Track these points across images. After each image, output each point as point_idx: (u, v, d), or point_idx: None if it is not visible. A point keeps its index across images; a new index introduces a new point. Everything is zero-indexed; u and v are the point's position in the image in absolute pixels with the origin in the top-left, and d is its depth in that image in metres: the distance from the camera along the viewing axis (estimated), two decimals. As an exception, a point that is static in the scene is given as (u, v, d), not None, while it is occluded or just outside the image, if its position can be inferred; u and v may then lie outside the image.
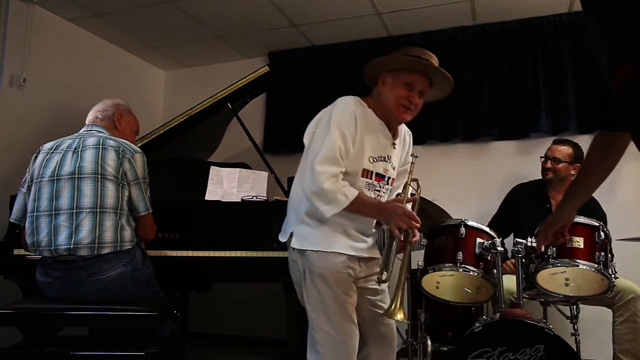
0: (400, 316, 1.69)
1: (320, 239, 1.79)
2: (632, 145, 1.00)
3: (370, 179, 1.82)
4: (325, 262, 1.78)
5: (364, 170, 1.81)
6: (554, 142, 2.93)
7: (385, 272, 1.81)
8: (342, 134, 1.74)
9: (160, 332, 2.09)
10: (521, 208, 2.93)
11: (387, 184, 1.90)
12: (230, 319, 3.96)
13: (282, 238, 1.92)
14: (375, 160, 1.83)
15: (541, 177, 2.98)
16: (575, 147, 2.89)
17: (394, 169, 1.92)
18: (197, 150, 3.25)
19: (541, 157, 2.94)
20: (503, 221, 2.97)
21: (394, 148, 1.90)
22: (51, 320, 2.03)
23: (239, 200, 2.59)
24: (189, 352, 2.86)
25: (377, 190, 1.86)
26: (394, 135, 1.90)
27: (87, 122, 2.28)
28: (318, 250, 1.78)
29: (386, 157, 1.86)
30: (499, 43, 3.52)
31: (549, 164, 2.85)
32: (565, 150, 2.86)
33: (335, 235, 1.80)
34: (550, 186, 2.90)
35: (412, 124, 3.71)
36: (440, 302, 2.45)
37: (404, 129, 1.99)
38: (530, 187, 3.01)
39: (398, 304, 1.70)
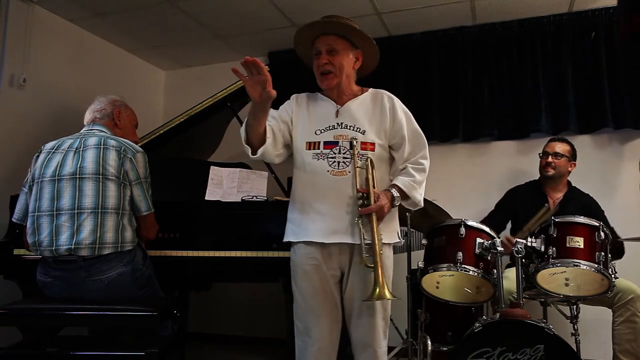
0: (388, 294, 1.64)
1: (290, 231, 1.87)
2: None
3: (318, 149, 1.82)
4: (294, 254, 1.86)
5: (308, 143, 1.85)
6: (552, 140, 2.96)
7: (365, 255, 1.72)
8: (278, 110, 1.93)
9: (160, 332, 2.09)
10: (519, 209, 2.94)
11: (351, 147, 1.80)
12: (230, 319, 3.96)
13: None
14: (323, 131, 1.85)
15: (536, 178, 3.00)
16: (572, 145, 2.92)
17: (362, 132, 1.83)
18: (197, 150, 3.25)
19: (540, 154, 2.95)
20: (498, 221, 2.98)
21: (337, 115, 1.86)
22: (51, 320, 2.03)
23: (239, 200, 2.59)
24: (189, 352, 2.86)
25: (332, 157, 1.80)
26: (342, 102, 1.90)
27: (85, 122, 2.27)
28: (290, 242, 1.88)
29: (335, 124, 1.85)
30: (499, 43, 3.52)
31: (550, 159, 2.86)
32: (564, 146, 2.89)
33: (301, 224, 1.82)
34: (547, 184, 2.92)
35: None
36: (440, 302, 2.45)
37: (379, 95, 1.95)
38: (527, 188, 3.03)
39: (381, 282, 1.65)
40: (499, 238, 2.33)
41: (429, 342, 2.51)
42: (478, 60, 3.57)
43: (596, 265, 2.13)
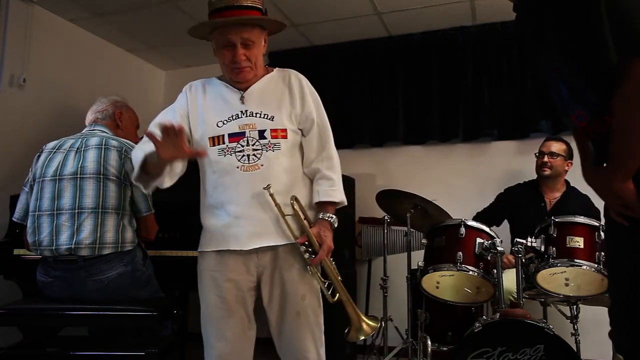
0: (367, 330, 1.56)
1: (206, 241, 1.71)
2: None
3: (222, 143, 1.63)
4: (202, 260, 1.71)
5: (210, 138, 1.65)
6: (548, 139, 2.95)
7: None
8: (165, 113, 1.73)
9: (160, 332, 2.09)
10: (515, 209, 2.95)
11: (263, 137, 1.62)
12: (230, 319, 3.95)
13: None
14: (225, 122, 1.65)
15: (534, 178, 3.00)
16: (568, 144, 2.92)
17: (271, 119, 1.65)
18: (197, 150, 3.25)
19: (535, 153, 2.94)
20: (493, 215, 3.00)
21: (243, 101, 1.67)
22: (51, 320, 2.04)
23: (239, 200, 2.59)
24: (189, 352, 2.86)
25: (240, 151, 1.62)
26: (245, 87, 1.69)
27: (87, 123, 2.28)
28: (200, 251, 1.73)
29: (239, 113, 1.65)
30: (499, 43, 3.52)
31: (546, 159, 2.84)
32: (560, 145, 2.88)
33: (217, 231, 1.66)
34: (544, 184, 2.92)
35: (413, 123, 3.73)
36: (440, 302, 2.45)
37: (286, 74, 1.75)
38: (523, 188, 3.02)
39: (356, 321, 1.56)
40: (498, 237, 2.33)
41: (429, 342, 2.50)
42: (478, 60, 3.56)
43: (596, 265, 2.13)
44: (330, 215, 1.67)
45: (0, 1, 3.00)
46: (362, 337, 1.55)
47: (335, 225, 1.68)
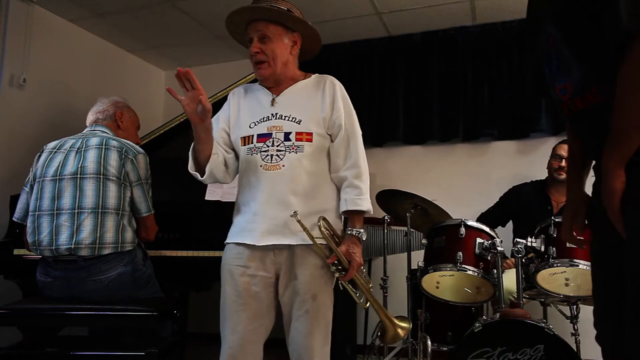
0: (402, 334, 1.65)
1: (229, 234, 1.74)
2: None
3: (251, 143, 1.68)
4: (224, 254, 1.73)
5: (242, 138, 1.71)
6: (564, 142, 2.87)
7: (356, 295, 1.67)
8: (218, 118, 1.78)
9: (160, 332, 2.09)
10: (521, 209, 2.93)
11: (287, 139, 1.66)
12: (230, 319, 3.95)
13: None
14: (257, 123, 1.71)
15: (543, 178, 2.98)
16: None
17: (298, 122, 1.68)
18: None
19: (553, 156, 2.90)
20: (496, 216, 2.98)
21: (273, 104, 1.72)
22: (51, 320, 2.04)
23: (239, 200, 2.59)
24: (189, 352, 2.87)
25: (265, 151, 1.66)
26: (279, 90, 1.75)
27: (87, 123, 2.28)
28: (225, 244, 1.76)
29: (270, 115, 1.70)
30: (499, 43, 3.52)
31: (563, 163, 2.78)
32: None
33: (236, 225, 1.71)
34: (553, 187, 2.89)
35: (413, 123, 3.73)
36: (440, 302, 2.45)
37: (322, 80, 1.78)
38: (530, 188, 2.99)
39: (389, 325, 1.65)
40: (498, 238, 2.33)
41: (429, 342, 2.50)
42: (478, 60, 3.56)
43: (596, 265, 2.13)
44: (358, 230, 1.68)
45: (0, 1, 3.00)
46: (397, 341, 1.64)
47: (364, 239, 1.69)
